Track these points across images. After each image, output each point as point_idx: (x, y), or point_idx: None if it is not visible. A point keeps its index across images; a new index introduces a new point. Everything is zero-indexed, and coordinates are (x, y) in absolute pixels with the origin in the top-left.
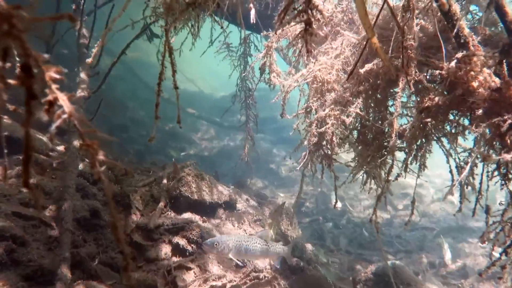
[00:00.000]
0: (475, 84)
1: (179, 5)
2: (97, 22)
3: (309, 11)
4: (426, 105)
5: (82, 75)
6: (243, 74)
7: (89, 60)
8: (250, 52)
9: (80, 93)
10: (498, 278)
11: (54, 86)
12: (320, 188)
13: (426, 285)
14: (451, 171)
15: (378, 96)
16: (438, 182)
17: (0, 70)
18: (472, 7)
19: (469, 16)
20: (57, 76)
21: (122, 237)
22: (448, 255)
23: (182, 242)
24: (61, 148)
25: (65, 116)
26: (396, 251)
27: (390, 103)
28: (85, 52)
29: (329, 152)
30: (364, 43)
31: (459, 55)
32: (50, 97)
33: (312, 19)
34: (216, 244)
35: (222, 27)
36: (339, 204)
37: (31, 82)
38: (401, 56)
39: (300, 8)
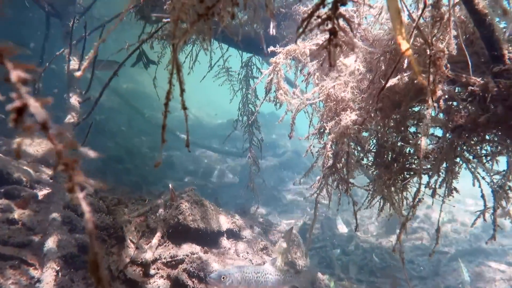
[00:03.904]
0: None
1: (190, 17)
2: (87, 47)
3: (335, 20)
4: (459, 123)
5: (72, 101)
6: (247, 93)
7: (77, 73)
8: (252, 74)
9: (69, 119)
10: None
11: (24, 90)
12: (325, 214)
13: None
14: (483, 196)
15: (397, 116)
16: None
17: None
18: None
19: None
20: (27, 76)
21: (103, 278)
22: (467, 280)
23: (182, 276)
24: (48, 179)
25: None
26: (410, 277)
27: (410, 122)
28: (75, 78)
29: (346, 176)
30: (385, 57)
31: (496, 69)
32: (18, 103)
33: (338, 29)
34: (223, 278)
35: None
36: (345, 229)
37: None
38: (428, 72)
39: (325, 16)
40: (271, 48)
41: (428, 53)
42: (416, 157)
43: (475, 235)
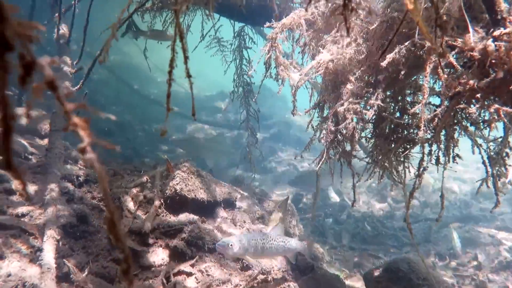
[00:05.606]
0: None
1: None
2: (77, 15)
3: None
4: (457, 90)
5: (65, 69)
6: (241, 64)
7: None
8: (245, 45)
9: (64, 87)
10: None
11: (30, 48)
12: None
13: (442, 279)
14: (484, 162)
15: (395, 87)
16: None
17: None
18: None
19: None
20: (34, 35)
21: (122, 235)
22: (458, 246)
23: (180, 245)
24: (42, 150)
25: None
26: (402, 244)
27: (407, 92)
28: (66, 47)
29: (349, 149)
30: (382, 26)
31: (497, 32)
32: (25, 60)
33: None
34: (230, 245)
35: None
36: (337, 199)
37: None
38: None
39: None
40: (267, 24)
41: (434, 16)
42: (415, 126)
43: (465, 202)
